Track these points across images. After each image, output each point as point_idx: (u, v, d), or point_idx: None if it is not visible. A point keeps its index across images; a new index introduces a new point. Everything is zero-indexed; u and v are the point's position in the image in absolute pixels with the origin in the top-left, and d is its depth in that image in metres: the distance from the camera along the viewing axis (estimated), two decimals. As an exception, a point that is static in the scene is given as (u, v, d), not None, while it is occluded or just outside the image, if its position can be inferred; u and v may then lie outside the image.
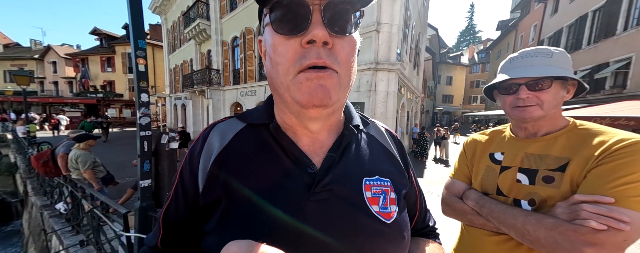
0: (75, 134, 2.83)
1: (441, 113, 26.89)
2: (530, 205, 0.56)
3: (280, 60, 0.29)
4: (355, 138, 0.38)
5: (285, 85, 0.30)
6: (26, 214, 5.06)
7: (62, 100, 20.16)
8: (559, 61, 0.58)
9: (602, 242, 0.43)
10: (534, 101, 0.57)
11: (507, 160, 0.64)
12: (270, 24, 0.30)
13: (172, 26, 13.66)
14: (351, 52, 0.31)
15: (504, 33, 18.69)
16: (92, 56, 21.09)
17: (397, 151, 0.44)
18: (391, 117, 4.93)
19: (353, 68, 0.32)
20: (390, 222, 0.33)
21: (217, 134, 0.37)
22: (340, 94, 0.31)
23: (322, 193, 0.32)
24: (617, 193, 0.45)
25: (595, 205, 0.45)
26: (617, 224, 0.42)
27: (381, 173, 0.36)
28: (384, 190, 0.35)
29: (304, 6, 0.27)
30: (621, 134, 0.51)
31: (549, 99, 0.57)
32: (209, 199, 0.33)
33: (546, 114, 0.58)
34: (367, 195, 0.34)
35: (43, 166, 2.73)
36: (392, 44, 4.69)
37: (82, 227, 2.40)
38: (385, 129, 0.47)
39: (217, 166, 0.34)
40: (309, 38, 0.27)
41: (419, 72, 10.29)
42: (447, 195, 0.73)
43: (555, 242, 0.46)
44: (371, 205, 0.33)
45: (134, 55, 1.34)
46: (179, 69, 13.32)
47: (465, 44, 44.90)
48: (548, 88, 0.56)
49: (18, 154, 7.44)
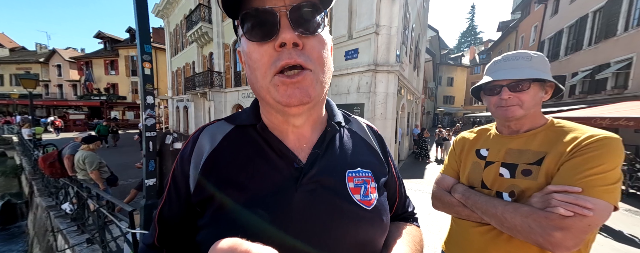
0: (81, 136, 2.91)
1: (442, 114, 26.84)
2: (511, 197, 0.61)
3: (257, 65, 0.32)
4: (338, 133, 0.41)
5: (265, 88, 0.33)
6: (31, 215, 5.13)
7: (67, 103, 20.43)
8: (538, 64, 0.63)
9: (569, 226, 0.47)
10: (515, 101, 0.62)
11: (491, 156, 0.69)
12: (244, 34, 0.32)
13: (174, 29, 13.85)
14: (322, 49, 0.34)
15: (505, 34, 18.71)
16: (96, 59, 21.39)
17: (378, 143, 0.48)
18: (391, 118, 4.97)
19: (327, 63, 0.35)
20: (371, 208, 0.37)
21: (207, 137, 0.39)
22: (318, 89, 0.33)
23: (309, 185, 0.35)
24: (584, 183, 0.49)
25: (564, 194, 0.50)
26: (582, 211, 0.47)
27: (363, 165, 0.40)
28: (365, 180, 0.38)
29: (271, 14, 0.30)
30: (591, 131, 0.55)
31: (528, 99, 0.62)
32: (201, 196, 0.36)
33: (526, 113, 0.63)
34: (349, 185, 0.37)
35: (50, 167, 2.80)
36: (391, 46, 4.74)
37: (87, 226, 2.45)
38: (366, 124, 0.50)
39: (209, 166, 0.36)
40: (279, 42, 0.30)
41: (419, 73, 10.32)
42: (437, 189, 0.78)
43: (529, 227, 0.51)
44: (353, 194, 0.36)
45: (140, 59, 1.40)
46: (181, 71, 13.48)
47: (466, 45, 44.93)
48: (527, 89, 0.61)
49: (23, 156, 7.56)
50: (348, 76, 5.07)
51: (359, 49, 4.91)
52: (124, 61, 20.81)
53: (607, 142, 0.52)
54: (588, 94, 8.72)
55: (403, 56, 5.65)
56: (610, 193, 0.49)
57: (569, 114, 6.83)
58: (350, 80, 5.07)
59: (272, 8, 0.30)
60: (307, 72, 0.31)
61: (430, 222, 3.04)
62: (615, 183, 0.50)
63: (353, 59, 5.01)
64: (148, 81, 1.41)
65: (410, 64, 7.49)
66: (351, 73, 4.97)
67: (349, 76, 5.05)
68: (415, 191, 4.51)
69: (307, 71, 0.31)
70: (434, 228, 2.83)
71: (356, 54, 4.96)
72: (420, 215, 2.52)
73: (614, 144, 0.52)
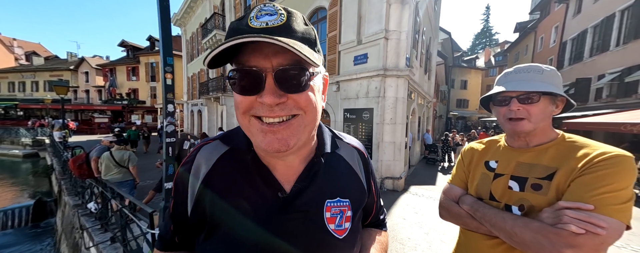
0: (108, 139, 3.21)
1: (455, 118, 25.96)
2: (520, 210, 0.60)
3: (238, 107, 0.34)
4: (324, 163, 0.43)
5: (245, 127, 0.35)
6: (59, 212, 5.51)
7: (92, 107, 21.89)
8: (549, 78, 0.62)
9: (580, 244, 0.47)
10: (523, 114, 0.62)
11: (501, 168, 0.68)
12: (230, 84, 0.34)
13: (190, 37, 14.57)
14: (310, 98, 0.34)
15: (523, 35, 17.98)
16: (119, 66, 22.87)
17: (363, 167, 0.51)
18: (400, 123, 4.90)
19: (316, 105, 0.36)
20: (343, 237, 0.41)
21: (203, 157, 0.42)
22: (302, 134, 0.35)
23: (291, 214, 0.39)
24: (597, 201, 0.49)
25: (576, 211, 0.49)
26: (595, 229, 0.46)
27: (342, 194, 0.43)
28: (342, 210, 0.42)
29: (257, 74, 0.31)
30: (604, 148, 0.55)
31: (537, 112, 0.61)
32: (197, 218, 0.40)
33: (535, 127, 0.62)
34: (326, 215, 0.41)
35: (78, 168, 3.03)
36: (400, 51, 4.72)
37: (110, 225, 2.61)
38: (355, 148, 0.51)
39: (203, 188, 0.40)
40: (260, 101, 0.32)
41: (431, 77, 10.12)
42: (445, 199, 0.78)
43: (539, 243, 0.51)
44: (328, 224, 0.40)
45: (162, 70, 1.51)
46: (196, 77, 14.08)
47: (480, 46, 43.51)
48: (537, 102, 0.61)
49: (54, 157, 8.16)
50: (357, 81, 5.09)
51: (368, 54, 4.93)
52: (144, 67, 22.07)
53: (619, 160, 0.51)
54: (617, 98, 8.13)
55: (413, 60, 5.59)
56: (623, 212, 0.48)
57: (595, 120, 6.40)
58: (359, 85, 5.08)
59: (258, 69, 0.31)
60: (293, 119, 0.33)
61: (443, 231, 2.95)
62: (627, 202, 0.49)
63: (362, 64, 5.03)
64: (169, 90, 1.52)
65: (421, 68, 7.38)
66: (360, 78, 4.99)
67: (358, 81, 5.07)
68: (426, 199, 4.39)
69: (294, 118, 0.33)
70: (446, 238, 2.74)
71: (365, 59, 4.98)
72: (432, 224, 2.51)
73: (627, 162, 0.51)
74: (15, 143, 14.52)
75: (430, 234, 2.88)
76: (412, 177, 6.21)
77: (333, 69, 5.85)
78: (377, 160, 4.86)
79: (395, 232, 2.92)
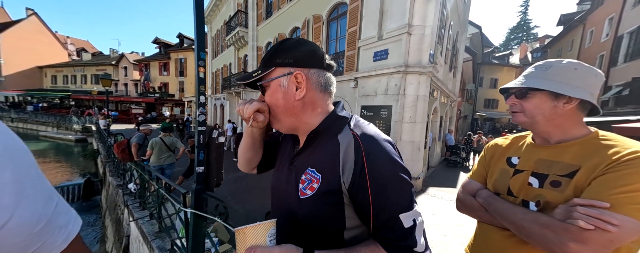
0: (147, 128, 3.80)
1: (482, 118, 24.20)
2: (537, 206, 0.61)
3: None
4: (317, 141, 0.55)
5: None
6: (104, 191, 6.27)
7: (130, 99, 24.17)
8: (552, 75, 0.61)
9: (587, 240, 0.47)
10: (518, 108, 0.67)
11: (522, 164, 0.68)
12: None
13: (215, 34, 15.30)
14: (272, 98, 0.55)
15: (568, 28, 16.03)
16: (152, 61, 24.84)
17: (353, 156, 0.47)
18: (420, 121, 4.74)
19: (280, 101, 0.54)
20: (302, 198, 0.52)
21: None
22: (281, 122, 0.57)
23: (291, 166, 0.58)
24: (614, 199, 0.48)
25: (589, 208, 0.49)
26: (605, 225, 0.46)
27: (318, 168, 0.52)
28: (312, 179, 0.52)
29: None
30: (636, 146, 0.52)
31: (530, 107, 0.64)
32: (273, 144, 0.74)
33: (531, 121, 0.65)
34: (302, 177, 0.53)
35: (121, 152, 3.42)
36: (423, 46, 4.52)
37: (148, 204, 2.94)
38: (355, 136, 0.50)
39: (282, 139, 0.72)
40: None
41: (456, 74, 9.54)
42: (462, 193, 0.80)
43: (546, 237, 0.52)
44: (300, 184, 0.53)
45: (196, 64, 1.65)
46: (220, 72, 14.82)
47: (516, 42, 39.69)
48: (529, 98, 0.64)
49: (100, 142, 9.23)
50: (375, 77, 5.00)
51: (389, 49, 4.80)
52: (174, 63, 23.73)
53: None
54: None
55: (438, 56, 5.33)
56: None
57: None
58: (377, 82, 4.99)
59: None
60: (268, 114, 0.58)
61: (463, 234, 2.85)
62: None
63: (382, 60, 4.92)
64: (201, 83, 1.66)
65: (446, 65, 7.00)
66: (379, 75, 4.89)
67: (377, 77, 4.98)
68: (446, 201, 4.24)
69: (268, 114, 0.57)
70: (466, 242, 2.66)
71: (386, 55, 4.86)
72: (451, 227, 2.50)
73: None
74: (69, 129, 16.65)
75: (448, 237, 2.81)
76: (431, 179, 6.00)
77: (351, 65, 5.80)
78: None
79: (410, 231, 2.89)
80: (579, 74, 0.60)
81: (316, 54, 0.56)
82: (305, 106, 0.54)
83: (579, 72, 0.60)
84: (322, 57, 0.56)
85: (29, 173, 0.26)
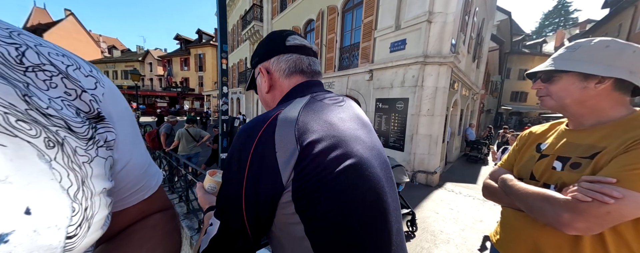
0: (173, 119, 4.05)
1: (508, 113, 22.54)
2: (555, 189, 0.61)
3: None
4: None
5: None
6: (136, 176, 6.89)
7: (155, 93, 25.81)
8: (581, 55, 0.58)
9: (581, 210, 0.48)
10: (544, 92, 0.65)
11: (548, 149, 0.68)
12: None
13: (231, 29, 15.62)
14: (259, 90, 0.57)
15: (615, 11, 14.09)
16: (174, 57, 26.11)
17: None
18: (439, 114, 4.57)
19: (261, 98, 0.57)
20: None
21: None
22: (270, 106, 0.55)
23: None
24: (623, 175, 0.47)
25: (591, 183, 0.49)
26: (602, 197, 0.46)
27: None
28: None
29: None
30: None
31: (556, 90, 0.62)
32: None
33: (559, 104, 0.63)
34: None
35: (152, 141, 3.75)
36: (445, 35, 4.29)
37: (176, 188, 3.21)
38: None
39: None
40: None
41: (480, 65, 8.94)
42: (488, 179, 0.81)
43: (543, 209, 0.53)
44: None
45: (219, 56, 1.75)
46: (236, 67, 15.23)
47: (551, 28, 35.93)
48: (555, 80, 0.62)
49: (131, 133, 10.08)
50: (392, 69, 4.86)
51: (407, 39, 4.61)
52: (194, 58, 24.75)
53: None
54: None
55: (460, 45, 5.02)
56: None
57: None
58: (394, 73, 4.85)
59: None
60: None
61: (483, 230, 2.78)
62: None
63: (399, 51, 4.76)
64: (224, 74, 1.75)
65: (469, 55, 6.58)
66: (396, 66, 4.74)
67: (393, 69, 4.83)
68: (465, 196, 4.12)
69: None
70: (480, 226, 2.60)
71: (403, 45, 4.68)
72: (469, 222, 2.49)
73: None
74: (104, 121, 18.25)
75: (466, 231, 2.76)
76: (449, 174, 5.82)
77: (366, 57, 5.67)
78: (409, 152, 4.70)
79: (427, 224, 2.88)
80: (612, 52, 0.56)
81: (275, 41, 0.52)
82: (275, 97, 0.53)
83: (611, 49, 0.56)
84: (281, 42, 0.51)
85: (137, 129, 0.34)
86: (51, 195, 0.18)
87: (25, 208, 0.16)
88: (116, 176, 0.28)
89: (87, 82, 0.26)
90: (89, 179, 0.22)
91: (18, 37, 0.21)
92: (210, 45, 22.51)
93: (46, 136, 0.19)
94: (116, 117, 0.28)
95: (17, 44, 0.21)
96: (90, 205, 0.21)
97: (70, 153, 0.20)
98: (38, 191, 0.17)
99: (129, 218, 0.34)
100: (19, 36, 0.21)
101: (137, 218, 0.35)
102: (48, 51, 0.23)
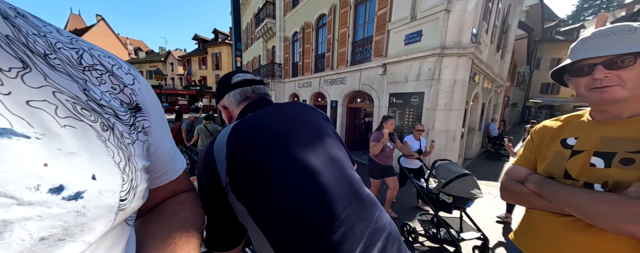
0: (192, 115, 4.15)
1: (537, 106, 20.76)
2: (603, 188, 0.55)
3: None
4: None
5: None
6: (162, 169, 7.44)
7: (176, 92, 27.29)
8: None
9: None
10: (614, 81, 0.53)
11: (580, 144, 0.61)
12: None
13: (245, 27, 15.92)
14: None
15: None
16: (193, 57, 27.31)
17: None
18: (457, 109, 4.35)
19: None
20: None
21: None
22: None
23: None
24: None
25: None
26: None
27: None
28: None
29: None
30: None
31: (631, 77, 0.51)
32: None
33: (632, 94, 0.52)
34: None
35: (175, 136, 4.02)
36: (465, 24, 4.03)
37: (196, 179, 3.45)
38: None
39: None
40: None
41: (505, 55, 8.30)
42: (506, 180, 0.75)
43: (616, 215, 0.48)
44: None
45: (233, 54, 1.82)
46: (250, 64, 15.57)
47: (590, 11, 32.12)
48: (631, 65, 0.51)
49: (156, 129, 10.83)
50: (407, 62, 4.69)
51: (423, 31, 4.41)
52: (210, 57, 25.70)
53: None
54: None
55: (482, 34, 4.70)
56: None
57: None
58: (408, 67, 4.68)
59: None
60: None
61: (499, 228, 2.66)
62: None
63: (415, 43, 4.57)
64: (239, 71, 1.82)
65: (493, 44, 6.14)
66: (411, 59, 4.57)
67: (408, 62, 4.66)
68: (486, 195, 3.93)
69: None
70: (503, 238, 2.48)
71: (419, 37, 4.49)
72: (487, 220, 2.41)
73: None
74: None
75: (485, 229, 2.65)
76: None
77: (380, 51, 5.52)
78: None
79: (439, 221, 2.81)
80: None
81: (224, 82, 0.67)
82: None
83: None
84: (228, 82, 0.66)
85: (166, 120, 0.40)
86: (108, 167, 0.23)
87: (92, 175, 0.21)
88: (151, 157, 0.34)
89: (127, 78, 0.30)
90: (133, 157, 0.27)
91: (76, 43, 0.26)
92: (225, 44, 23.19)
93: (101, 122, 0.24)
94: (150, 108, 0.33)
95: (77, 49, 0.26)
96: (135, 177, 0.26)
97: (118, 136, 0.26)
98: (99, 163, 0.22)
99: (161, 195, 0.40)
100: (77, 42, 0.27)
101: (167, 196, 0.41)
102: (98, 54, 0.28)
